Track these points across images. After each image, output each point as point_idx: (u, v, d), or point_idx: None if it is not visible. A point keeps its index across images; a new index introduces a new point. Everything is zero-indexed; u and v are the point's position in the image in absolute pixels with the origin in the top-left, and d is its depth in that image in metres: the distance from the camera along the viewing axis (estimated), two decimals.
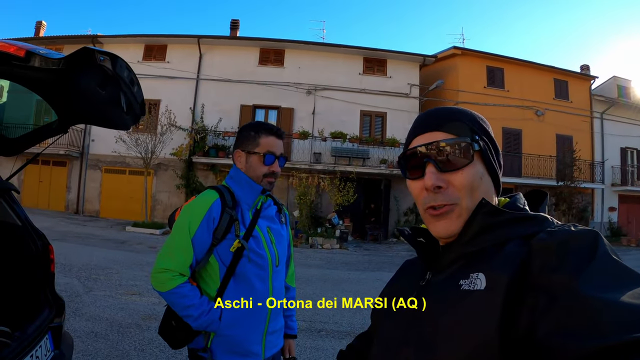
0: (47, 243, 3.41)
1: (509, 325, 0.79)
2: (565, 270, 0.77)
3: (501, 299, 0.82)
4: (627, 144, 28.77)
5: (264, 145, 2.30)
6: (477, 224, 0.97)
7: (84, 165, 23.63)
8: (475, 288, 0.89)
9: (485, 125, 1.09)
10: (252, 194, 2.32)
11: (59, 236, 14.33)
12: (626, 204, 28.50)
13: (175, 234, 2.19)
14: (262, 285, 2.27)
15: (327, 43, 24.50)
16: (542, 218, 0.96)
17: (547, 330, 0.73)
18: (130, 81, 2.73)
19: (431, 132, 1.06)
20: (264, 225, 2.36)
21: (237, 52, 23.95)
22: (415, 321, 1.01)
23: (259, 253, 2.26)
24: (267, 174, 2.32)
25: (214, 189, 2.29)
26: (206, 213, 2.16)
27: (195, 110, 23.23)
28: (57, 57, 2.38)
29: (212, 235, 2.17)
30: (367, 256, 16.57)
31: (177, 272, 2.12)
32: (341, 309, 8.12)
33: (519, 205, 1.04)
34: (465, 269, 0.95)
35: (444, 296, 0.96)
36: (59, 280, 7.89)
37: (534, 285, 0.80)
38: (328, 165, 21.58)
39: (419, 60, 24.46)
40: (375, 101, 23.78)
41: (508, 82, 25.94)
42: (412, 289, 1.10)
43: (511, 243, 0.91)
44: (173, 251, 2.15)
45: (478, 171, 1.02)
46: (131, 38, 23.88)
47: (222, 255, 2.20)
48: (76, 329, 5.81)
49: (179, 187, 22.40)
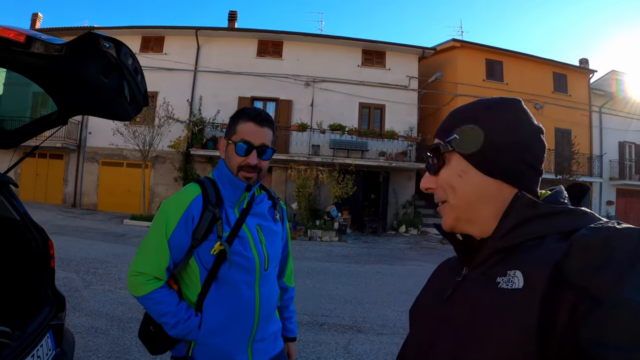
0: (47, 238, 3.33)
1: (547, 325, 0.76)
2: (609, 271, 0.73)
3: (540, 298, 0.78)
4: (626, 138, 28.98)
5: (240, 132, 2.06)
6: (512, 217, 0.94)
7: (81, 158, 23.60)
8: (513, 287, 0.85)
9: (479, 117, 1.04)
10: (233, 190, 2.08)
11: (57, 230, 14.26)
12: (624, 198, 28.70)
13: (150, 234, 2.01)
14: (248, 291, 2.04)
15: (326, 35, 24.47)
16: (581, 212, 0.91)
17: (589, 338, 0.69)
18: (135, 70, 2.61)
19: (435, 137, 1.13)
20: (253, 224, 2.13)
21: (235, 43, 23.87)
22: (450, 318, 0.99)
23: (244, 256, 2.03)
24: (242, 167, 2.05)
25: (197, 183, 2.09)
26: (185, 211, 1.97)
27: (193, 102, 23.19)
28: (59, 43, 2.27)
29: (191, 236, 1.97)
30: (366, 249, 16.55)
31: (152, 275, 1.94)
32: (342, 302, 8.10)
33: (560, 199, 1.00)
34: (502, 265, 0.92)
35: (481, 294, 0.93)
36: (58, 275, 7.77)
37: (575, 284, 0.76)
38: (327, 158, 21.57)
39: (418, 52, 24.43)
40: (374, 93, 23.77)
41: (507, 75, 25.96)
42: (449, 284, 1.08)
43: (549, 238, 0.87)
44: (148, 253, 1.98)
45: (455, 170, 1.03)
46: (128, 30, 23.73)
47: (203, 257, 1.98)
48: (76, 325, 5.75)
49: (177, 179, 22.35)
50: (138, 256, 1.99)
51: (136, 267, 1.96)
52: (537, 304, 0.78)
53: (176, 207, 1.98)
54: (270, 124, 2.13)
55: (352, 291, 9.12)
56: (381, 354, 5.60)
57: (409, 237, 21.15)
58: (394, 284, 10.14)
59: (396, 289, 9.59)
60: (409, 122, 23.69)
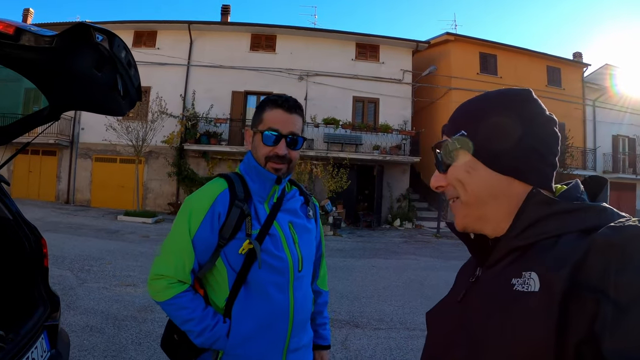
0: (40, 237, 3.26)
1: (564, 331, 0.73)
2: (633, 276, 0.68)
3: (557, 302, 0.75)
4: (619, 132, 29.16)
5: (267, 120, 1.92)
6: (527, 215, 0.91)
7: (74, 154, 23.44)
8: (529, 289, 0.82)
9: (486, 111, 1.01)
10: (262, 183, 1.92)
11: (50, 227, 14.17)
12: (618, 192, 28.79)
13: (173, 233, 1.86)
14: (280, 294, 1.87)
15: (319, 28, 24.39)
16: (600, 208, 0.86)
17: (615, 348, 0.65)
18: (128, 63, 2.52)
19: (443, 134, 1.09)
20: (285, 221, 1.97)
21: (228, 37, 23.76)
22: (465, 322, 0.97)
23: (276, 255, 1.86)
24: (270, 157, 1.90)
25: (222, 177, 1.94)
26: (210, 207, 1.81)
27: (186, 97, 23.08)
28: (49, 35, 2.18)
29: (217, 235, 1.81)
30: (361, 243, 16.59)
31: (175, 278, 1.79)
32: (339, 297, 8.08)
33: (577, 194, 0.96)
34: (517, 265, 0.89)
35: (495, 296, 0.90)
36: (52, 273, 7.76)
37: (595, 287, 0.72)
38: (321, 152, 21.53)
39: (411, 46, 24.40)
40: (368, 87, 23.76)
41: (501, 69, 26.00)
42: (462, 286, 1.06)
43: (567, 237, 0.83)
44: (170, 254, 1.83)
45: (463, 167, 1.00)
46: (120, 24, 23.44)
47: (231, 258, 1.82)
48: (71, 323, 5.70)
49: (171, 174, 22.29)
50: (159, 258, 1.86)
51: (157, 269, 1.83)
52: (554, 308, 0.75)
53: (200, 203, 1.84)
54: (300, 111, 1.99)
55: (349, 286, 9.12)
56: (379, 349, 5.60)
57: (403, 230, 21.21)
58: (389, 278, 10.16)
59: (392, 283, 9.61)
60: (402, 116, 23.71)
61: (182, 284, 1.80)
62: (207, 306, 1.83)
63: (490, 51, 26.11)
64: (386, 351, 5.53)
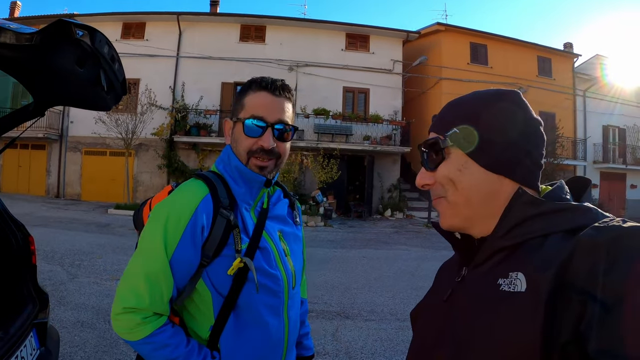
0: (27, 234, 3.21)
1: (551, 331, 0.73)
2: (619, 276, 0.69)
3: (544, 302, 0.75)
4: (609, 122, 29.30)
5: (250, 106, 1.57)
6: (513, 215, 0.91)
7: (63, 148, 23.32)
8: (515, 290, 0.82)
9: (478, 110, 1.00)
10: (248, 186, 1.59)
11: (40, 222, 14.09)
12: (608, 181, 29.04)
13: (143, 253, 1.46)
14: (274, 319, 1.58)
15: (309, 19, 24.39)
16: (585, 209, 0.87)
17: (600, 348, 0.66)
18: (111, 58, 2.49)
19: (431, 132, 1.07)
20: (274, 230, 1.65)
21: (218, 28, 23.65)
22: (451, 321, 0.96)
23: (270, 273, 1.55)
24: (254, 152, 1.56)
25: (200, 179, 1.56)
26: (191, 218, 1.44)
27: (175, 88, 22.98)
28: (29, 32, 2.14)
29: (200, 252, 1.46)
30: (352, 233, 16.62)
31: (150, 311, 1.41)
32: (330, 288, 8.10)
33: (562, 195, 0.97)
34: (504, 266, 0.89)
35: (482, 296, 0.90)
36: (42, 269, 7.71)
37: (581, 288, 0.72)
38: (311, 142, 21.57)
39: (402, 36, 24.42)
40: (358, 77, 23.77)
41: (491, 59, 26.05)
42: (448, 286, 1.05)
43: (552, 237, 0.84)
44: (142, 280, 1.41)
45: (455, 165, 0.99)
46: (109, 16, 23.40)
47: (216, 280, 1.48)
48: (62, 319, 5.67)
49: (161, 167, 22.27)
50: (126, 286, 1.44)
51: (126, 301, 1.41)
52: (540, 308, 0.75)
53: (179, 212, 1.45)
54: (290, 94, 1.63)
55: (339, 277, 9.14)
56: (370, 340, 5.60)
57: (394, 221, 21.26)
58: (380, 269, 10.19)
59: (383, 274, 9.64)
60: (393, 106, 23.76)
61: (159, 316, 1.43)
62: (190, 339, 1.48)
63: (480, 41, 26.11)
64: (377, 342, 5.53)
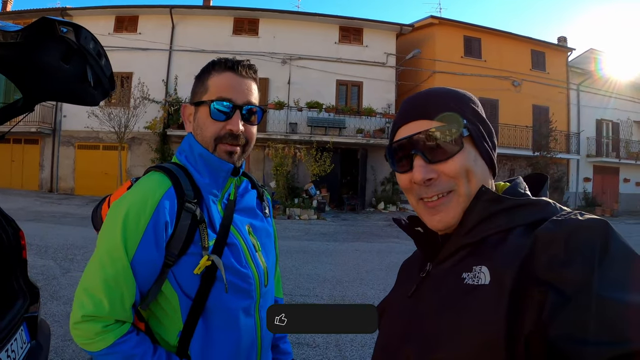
0: (18, 229, 3.22)
1: (515, 321, 0.75)
2: (576, 265, 0.72)
3: (507, 294, 0.77)
4: (603, 116, 29.44)
5: (214, 88, 1.44)
6: (477, 213, 0.93)
7: (56, 142, 23.33)
8: (479, 283, 0.85)
9: (475, 106, 1.02)
10: (214, 175, 1.46)
11: (34, 216, 14.12)
12: (601, 175, 29.18)
13: (102, 255, 1.31)
14: (247, 319, 1.45)
15: (302, 12, 24.49)
16: (544, 203, 0.91)
17: (561, 334, 0.69)
18: (97, 53, 2.49)
19: (416, 120, 1.00)
20: (243, 225, 1.53)
21: (211, 22, 23.69)
22: (416, 317, 0.97)
23: (240, 272, 1.43)
24: (222, 137, 1.44)
25: (161, 171, 1.42)
26: (152, 215, 1.31)
27: (168, 82, 23.02)
28: (14, 30, 2.14)
29: (164, 251, 1.33)
30: (345, 226, 16.64)
31: (111, 319, 1.27)
32: (321, 281, 8.08)
33: (520, 190, 1.00)
34: (468, 260, 0.91)
35: (447, 290, 0.92)
36: (35, 263, 7.77)
37: (541, 279, 0.75)
38: (304, 136, 21.60)
39: (395, 29, 24.47)
40: (351, 70, 23.83)
41: (485, 53, 26.07)
42: (412, 281, 1.06)
43: (514, 232, 0.87)
44: (101, 285, 1.27)
45: (470, 156, 0.96)
46: (101, 10, 23.47)
47: (183, 281, 1.35)
48: (54, 313, 5.66)
49: (154, 160, 22.16)
50: (85, 291, 1.29)
51: (85, 308, 1.27)
52: (504, 299, 0.77)
53: (138, 209, 1.31)
54: (255, 74, 1.53)
55: (331, 270, 9.11)
56: (359, 335, 5.53)
57: (387, 213, 21.28)
58: (372, 262, 10.16)
59: (375, 267, 9.60)
60: (386, 99, 23.81)
61: (122, 323, 1.30)
62: (157, 347, 1.35)
63: (474, 35, 26.12)
64: (366, 336, 5.44)
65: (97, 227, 1.59)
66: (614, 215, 25.16)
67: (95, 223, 1.69)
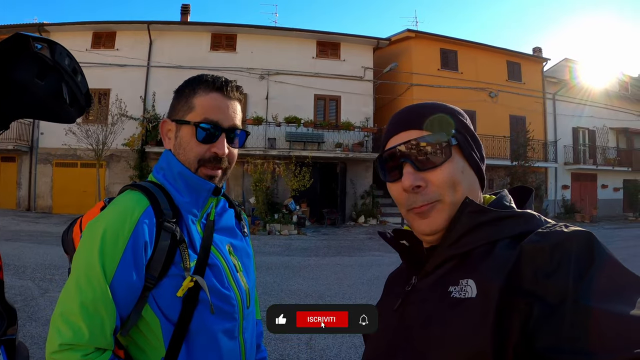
0: None
1: (502, 334, 0.77)
2: (561, 276, 0.74)
3: (494, 307, 0.78)
4: (579, 124, 29.78)
5: (201, 108, 1.40)
6: (461, 224, 0.93)
7: (34, 160, 22.93)
8: (466, 296, 0.85)
9: (464, 119, 1.05)
10: (194, 195, 1.41)
11: (11, 236, 13.97)
12: (579, 182, 29.47)
13: (78, 278, 1.22)
14: (230, 342, 1.39)
15: (280, 27, 24.43)
16: (529, 215, 0.92)
17: (547, 345, 0.70)
18: (73, 70, 2.46)
19: (406, 130, 1.02)
20: (223, 244, 1.48)
21: (188, 37, 23.59)
22: (403, 331, 0.97)
23: (222, 293, 1.38)
24: (206, 160, 1.40)
25: (137, 189, 1.36)
26: (131, 235, 1.25)
27: (146, 98, 22.80)
28: None
29: (144, 273, 1.26)
30: (326, 241, 16.61)
31: (91, 347, 1.17)
32: (304, 296, 8.11)
33: (505, 202, 1.01)
34: (454, 273, 0.92)
35: (433, 304, 0.92)
36: (13, 284, 7.70)
37: (527, 291, 0.76)
38: (283, 151, 21.53)
39: (372, 43, 24.55)
40: (329, 85, 23.84)
41: (462, 65, 26.30)
42: (398, 296, 1.06)
43: (500, 244, 0.87)
44: (78, 311, 1.18)
45: (458, 166, 0.98)
46: (79, 25, 23.13)
47: (164, 304, 1.29)
48: (33, 335, 5.55)
49: (132, 178, 21.91)
50: (62, 318, 1.19)
51: (62, 337, 1.16)
52: (491, 312, 0.78)
53: (116, 229, 1.25)
54: (241, 95, 1.52)
55: (313, 285, 9.13)
56: (344, 348, 5.58)
57: (368, 227, 21.25)
58: (354, 276, 10.19)
59: (357, 281, 9.64)
60: (364, 113, 23.85)
61: (102, 351, 1.20)
62: None
63: (450, 47, 26.36)
64: (351, 349, 5.51)
65: (69, 252, 1.57)
66: (593, 221, 25.43)
67: (65, 246, 1.63)
